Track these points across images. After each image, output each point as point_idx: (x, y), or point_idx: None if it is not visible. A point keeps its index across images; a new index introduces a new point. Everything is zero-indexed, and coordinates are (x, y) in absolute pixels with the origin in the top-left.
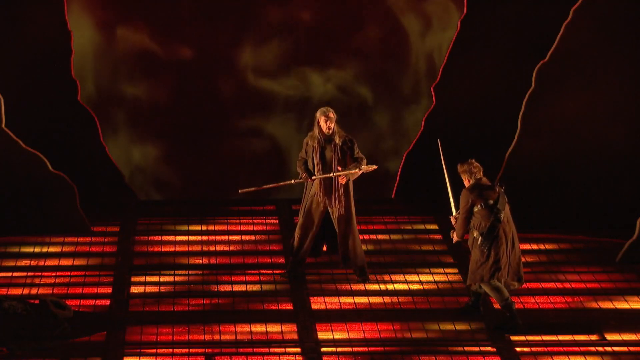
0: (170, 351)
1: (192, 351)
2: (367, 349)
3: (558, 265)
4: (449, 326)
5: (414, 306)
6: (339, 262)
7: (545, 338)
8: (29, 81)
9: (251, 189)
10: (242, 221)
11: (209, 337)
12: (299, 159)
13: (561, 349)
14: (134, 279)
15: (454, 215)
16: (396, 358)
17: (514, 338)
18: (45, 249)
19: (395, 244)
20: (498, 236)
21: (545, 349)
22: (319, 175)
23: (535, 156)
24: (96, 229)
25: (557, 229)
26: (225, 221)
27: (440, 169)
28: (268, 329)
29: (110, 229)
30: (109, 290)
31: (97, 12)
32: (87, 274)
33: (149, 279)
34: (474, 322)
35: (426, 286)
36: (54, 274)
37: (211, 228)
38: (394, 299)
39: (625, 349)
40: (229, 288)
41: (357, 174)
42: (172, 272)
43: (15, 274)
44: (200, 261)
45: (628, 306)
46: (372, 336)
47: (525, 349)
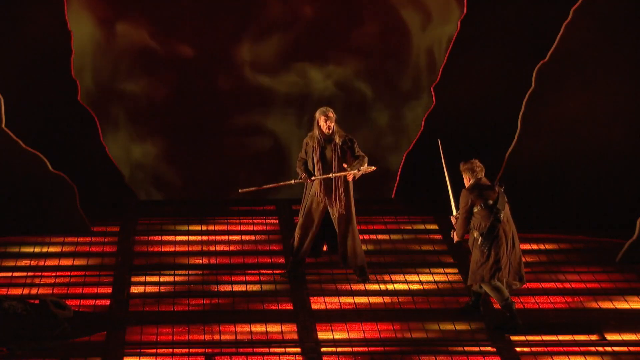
0: (170, 351)
1: (192, 351)
2: (367, 349)
3: (558, 265)
4: (449, 326)
5: (414, 306)
6: (339, 262)
7: (545, 338)
8: (29, 81)
9: (251, 188)
10: (242, 221)
11: (209, 337)
12: (299, 159)
13: (561, 349)
14: (134, 279)
15: (454, 216)
16: (396, 358)
17: (514, 338)
18: (45, 249)
19: (395, 244)
20: (498, 236)
21: (545, 349)
22: (318, 176)
23: (535, 156)
24: (96, 229)
25: (557, 229)
26: (225, 221)
27: (441, 169)
28: (268, 329)
29: (110, 229)
30: (109, 290)
31: (97, 9)
32: (87, 274)
33: (149, 279)
34: (474, 322)
35: (426, 286)
36: (54, 274)
37: (211, 228)
38: (394, 299)
39: (625, 349)
40: (229, 288)
41: (357, 174)
42: (172, 272)
43: (15, 274)
44: (200, 261)
45: (628, 306)
46: (372, 336)
47: (525, 349)
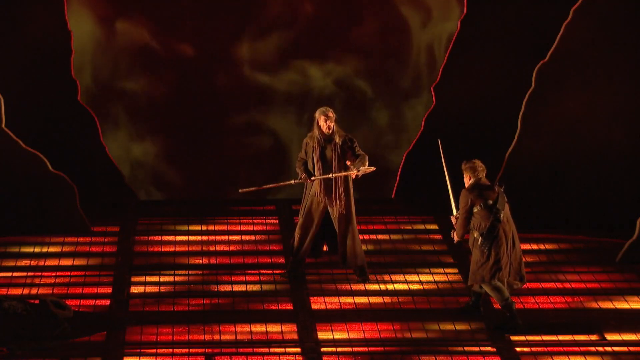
0: (170, 351)
1: (192, 351)
2: (367, 349)
3: (558, 265)
4: (449, 326)
5: (414, 306)
6: (338, 262)
7: (545, 338)
8: (29, 81)
9: (251, 188)
10: (242, 221)
11: (209, 337)
12: (298, 160)
13: (561, 349)
14: (134, 279)
15: (455, 216)
16: (396, 358)
17: (514, 338)
18: (45, 249)
19: (395, 244)
20: (498, 236)
21: (545, 349)
22: (318, 176)
23: (535, 156)
24: (96, 229)
25: (557, 229)
26: (225, 221)
27: (441, 169)
28: (268, 329)
29: (110, 229)
30: (109, 290)
31: (97, 7)
32: (87, 274)
33: (149, 279)
34: (474, 322)
35: (426, 286)
36: (54, 274)
37: (211, 228)
38: (394, 299)
39: (625, 349)
40: (229, 288)
41: (357, 174)
42: (172, 272)
43: (15, 274)
44: (200, 261)
45: (628, 306)
46: (372, 336)
47: (525, 349)
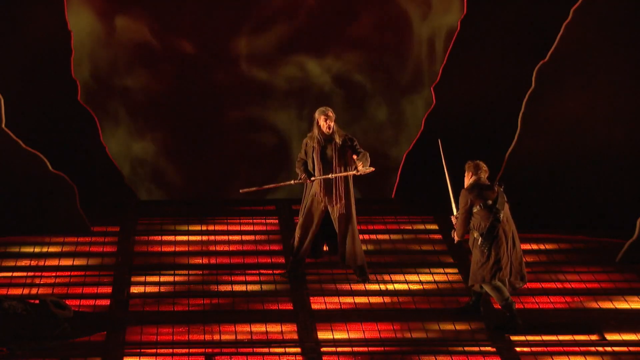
0: (170, 351)
1: (192, 351)
2: (367, 349)
3: (558, 265)
4: (449, 326)
5: (414, 306)
6: (338, 262)
7: (545, 338)
8: (29, 81)
9: (252, 189)
10: (242, 221)
11: (209, 337)
12: (298, 160)
13: (561, 349)
14: (134, 279)
15: (455, 215)
16: (396, 358)
17: (514, 338)
18: (45, 249)
19: (395, 244)
20: (498, 236)
21: (545, 349)
22: (318, 176)
23: (535, 156)
24: (96, 229)
25: (557, 229)
26: (225, 221)
27: (441, 169)
28: (268, 329)
29: (110, 229)
30: (109, 290)
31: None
32: (87, 274)
33: (149, 279)
34: (474, 322)
35: (426, 286)
36: (54, 274)
37: (211, 228)
38: (394, 299)
39: (625, 349)
40: (229, 288)
41: (357, 174)
42: (172, 272)
43: (15, 274)
44: (200, 261)
45: (628, 306)
46: (372, 336)
47: (525, 349)
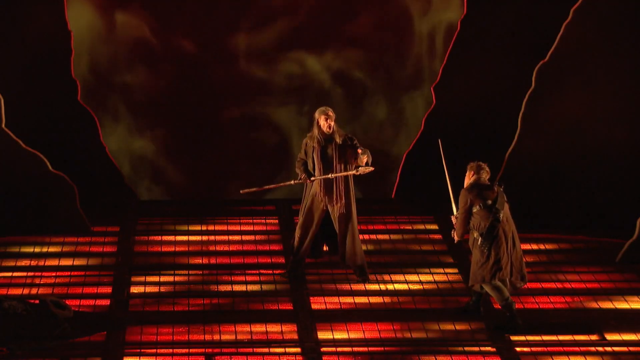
0: (170, 351)
1: (192, 351)
2: (367, 349)
3: (558, 265)
4: (449, 326)
5: (414, 306)
6: (339, 262)
7: (545, 338)
8: (29, 81)
9: (252, 189)
10: (242, 221)
11: (209, 337)
12: (298, 160)
13: (561, 349)
14: (134, 279)
15: (455, 215)
16: (396, 358)
17: (514, 338)
18: (45, 249)
19: (395, 244)
20: (498, 236)
21: (545, 349)
22: (318, 176)
23: (535, 156)
24: (96, 229)
25: (557, 229)
26: (225, 221)
27: (441, 169)
28: (268, 329)
29: (110, 229)
30: (109, 290)
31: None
32: (87, 274)
33: (149, 279)
34: (474, 322)
35: (426, 286)
36: (54, 274)
37: (211, 228)
38: (394, 299)
39: (625, 349)
40: (229, 288)
41: (356, 174)
42: (172, 272)
43: (15, 274)
44: (200, 261)
45: (628, 306)
46: (372, 336)
47: (525, 349)
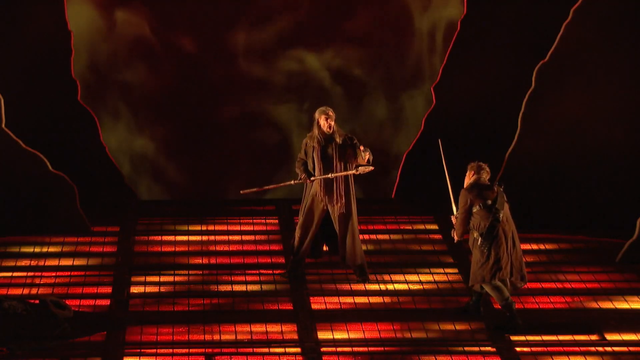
0: (170, 351)
1: (192, 351)
2: (367, 349)
3: (558, 265)
4: (449, 326)
5: (414, 306)
6: (339, 262)
7: (545, 338)
8: (29, 81)
9: (252, 189)
10: (242, 221)
11: (209, 337)
12: (298, 160)
13: (561, 349)
14: (134, 279)
15: (455, 215)
16: (396, 358)
17: (514, 338)
18: (45, 249)
19: (395, 244)
20: (498, 236)
21: (545, 349)
22: (318, 176)
23: (535, 156)
24: (96, 229)
25: (557, 229)
26: (225, 221)
27: (441, 169)
28: (268, 329)
29: (110, 229)
30: (109, 290)
31: None
32: (87, 274)
33: (149, 279)
34: (474, 322)
35: (426, 286)
36: (54, 274)
37: (211, 228)
38: (394, 299)
39: (625, 349)
40: (229, 288)
41: (356, 173)
42: (172, 272)
43: (15, 274)
44: (200, 261)
45: (628, 306)
46: (372, 336)
47: (525, 349)
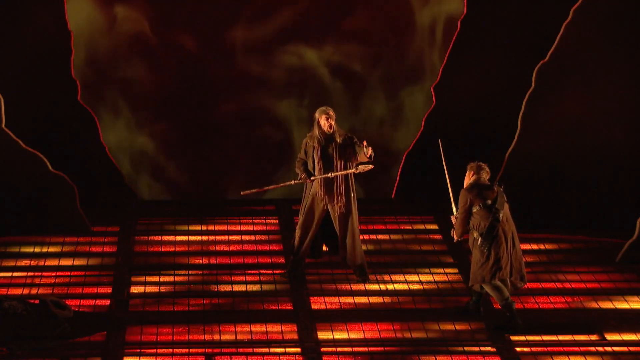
0: (170, 351)
1: (192, 351)
2: (367, 349)
3: (558, 265)
4: (449, 326)
5: (414, 306)
6: (338, 261)
7: (545, 338)
8: (29, 81)
9: (253, 190)
10: (242, 221)
11: (209, 337)
12: (298, 160)
13: (561, 349)
14: (134, 279)
15: (455, 215)
16: (396, 358)
17: (514, 338)
18: (45, 249)
19: (395, 244)
20: (497, 236)
21: (545, 349)
22: (318, 176)
23: (535, 156)
24: (96, 229)
25: (557, 229)
26: (225, 221)
27: (441, 169)
28: (268, 329)
29: (110, 229)
30: (109, 290)
31: None
32: (87, 274)
33: (149, 279)
34: (474, 322)
35: (426, 286)
36: (54, 274)
37: (211, 228)
38: (394, 299)
39: (625, 349)
40: (229, 288)
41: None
42: (172, 272)
43: (15, 274)
44: (200, 261)
45: (628, 306)
46: (372, 336)
47: (525, 349)
